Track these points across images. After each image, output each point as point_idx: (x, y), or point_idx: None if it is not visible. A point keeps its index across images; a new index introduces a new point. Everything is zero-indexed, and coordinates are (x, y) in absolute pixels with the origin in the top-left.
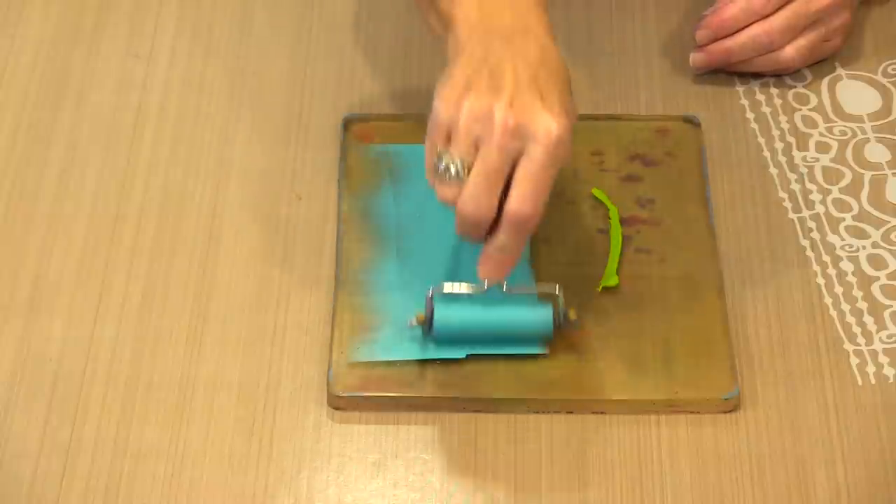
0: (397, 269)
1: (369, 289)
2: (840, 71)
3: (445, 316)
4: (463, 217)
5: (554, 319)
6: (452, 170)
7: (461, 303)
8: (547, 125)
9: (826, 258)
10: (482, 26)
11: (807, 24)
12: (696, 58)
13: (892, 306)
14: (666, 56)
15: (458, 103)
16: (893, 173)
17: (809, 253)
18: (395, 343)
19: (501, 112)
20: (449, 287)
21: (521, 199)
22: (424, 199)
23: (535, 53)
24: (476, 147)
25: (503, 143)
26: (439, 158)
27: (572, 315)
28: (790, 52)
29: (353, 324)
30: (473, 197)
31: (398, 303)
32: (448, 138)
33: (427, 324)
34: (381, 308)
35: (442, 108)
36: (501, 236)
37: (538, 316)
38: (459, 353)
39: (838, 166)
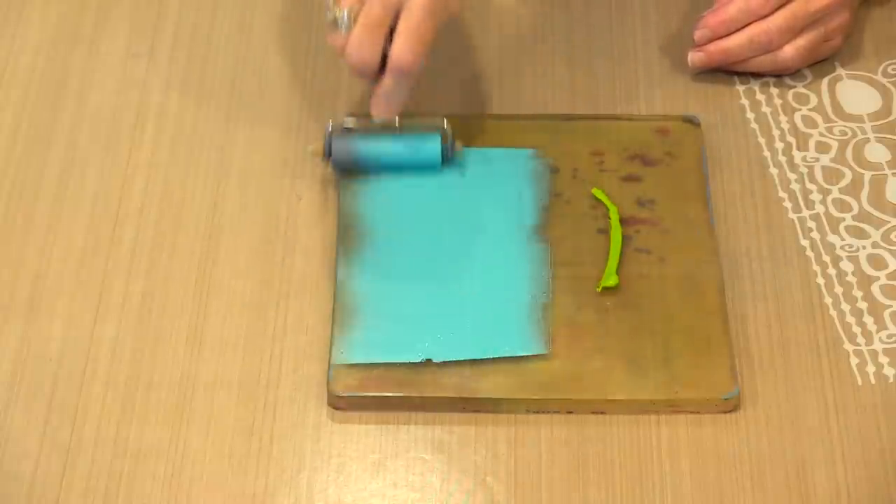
0: (396, 269)
1: (369, 289)
2: (840, 71)
3: (342, 142)
4: (350, 63)
5: (443, 147)
6: (340, 20)
7: (358, 134)
8: None
9: (826, 258)
10: None
11: (806, 24)
12: (694, 57)
13: (892, 306)
14: (666, 56)
15: None
16: (893, 173)
17: (809, 253)
18: (394, 344)
19: None
20: (348, 121)
21: (401, 49)
22: (424, 198)
23: None
24: (362, 0)
25: None
26: (329, 9)
27: (458, 146)
28: (789, 52)
29: (353, 324)
30: (357, 46)
31: (398, 303)
32: None
33: (326, 153)
34: (381, 308)
35: None
36: (387, 81)
37: (427, 140)
38: (459, 355)
39: (838, 166)
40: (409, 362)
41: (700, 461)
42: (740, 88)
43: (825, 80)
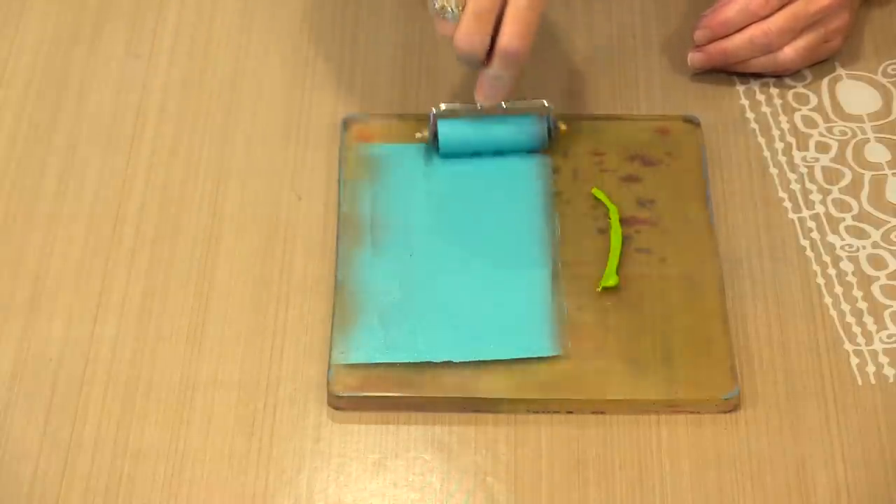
0: (397, 269)
1: (369, 289)
2: (840, 71)
3: (449, 128)
4: (459, 52)
5: (547, 128)
6: (447, 9)
7: (462, 119)
8: None
9: (826, 258)
10: None
11: (806, 25)
12: (694, 58)
13: (892, 306)
14: (666, 56)
15: None
16: (893, 173)
17: (809, 253)
18: (395, 344)
19: None
20: (450, 105)
21: (511, 37)
22: (423, 198)
23: None
24: None
25: None
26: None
27: (562, 126)
28: (789, 53)
29: (353, 324)
30: (466, 35)
31: (398, 303)
32: None
33: (432, 139)
34: (381, 308)
35: None
36: (494, 67)
37: (532, 122)
38: (459, 356)
39: (838, 166)
40: (409, 362)
41: (700, 461)
42: (740, 88)
43: (825, 81)
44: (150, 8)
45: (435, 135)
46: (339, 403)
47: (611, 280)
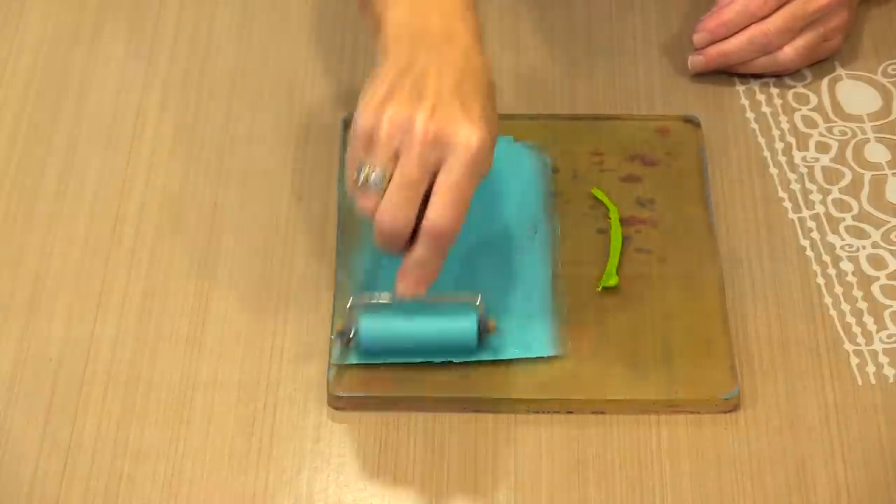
0: (397, 268)
1: (369, 289)
2: (840, 71)
3: (367, 328)
4: (380, 229)
5: (478, 328)
6: (372, 179)
7: (383, 314)
8: (467, 136)
9: (826, 258)
10: (409, 31)
11: (805, 24)
12: (694, 61)
13: (892, 306)
14: (666, 56)
15: (378, 111)
16: (893, 173)
17: (809, 253)
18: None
19: (422, 122)
20: (368, 297)
21: (440, 212)
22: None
23: (459, 61)
24: (396, 157)
25: (422, 154)
26: (360, 168)
27: (491, 325)
28: (789, 52)
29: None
30: (391, 208)
31: (398, 303)
32: (369, 147)
33: (347, 335)
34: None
35: (363, 116)
36: (420, 249)
37: (461, 325)
38: (458, 357)
39: (838, 166)
40: (409, 362)
41: (700, 461)
42: (740, 88)
43: (825, 80)
44: (150, 8)
45: (354, 330)
46: (339, 403)
47: (611, 280)
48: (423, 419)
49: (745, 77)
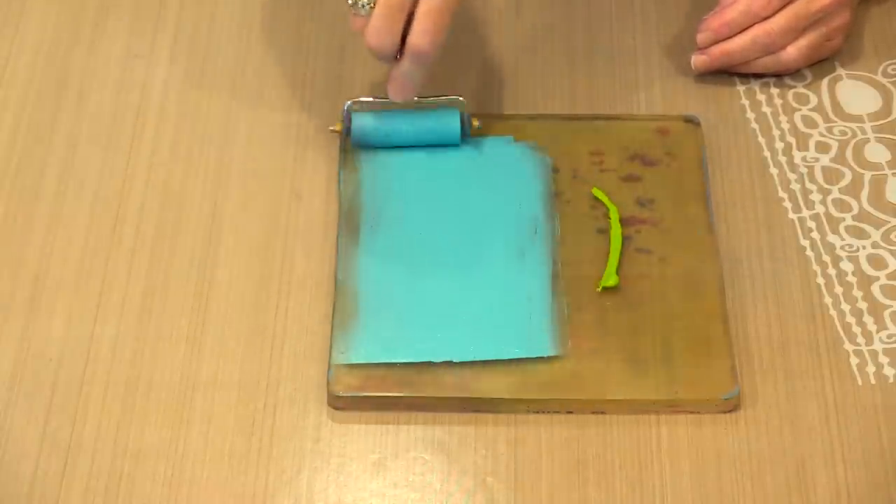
0: (397, 268)
1: (369, 289)
2: (840, 71)
3: (361, 118)
4: (368, 46)
5: (461, 123)
6: (360, 4)
7: (376, 111)
8: None
9: (826, 258)
10: None
11: (807, 24)
12: (697, 60)
13: (892, 306)
14: (666, 56)
15: None
16: (893, 173)
17: (809, 253)
18: (395, 344)
19: None
20: (365, 99)
21: (421, 34)
22: (423, 198)
23: None
24: None
25: None
26: None
27: (475, 122)
28: (792, 52)
29: (353, 324)
30: (376, 30)
31: (399, 303)
32: None
33: (345, 130)
34: (382, 308)
35: None
36: (405, 64)
37: (445, 114)
38: (459, 356)
39: (838, 166)
40: (409, 362)
41: (700, 461)
42: (740, 88)
43: (825, 80)
44: (150, 8)
45: (349, 128)
46: (339, 403)
47: (611, 280)
48: (423, 419)
49: (746, 77)
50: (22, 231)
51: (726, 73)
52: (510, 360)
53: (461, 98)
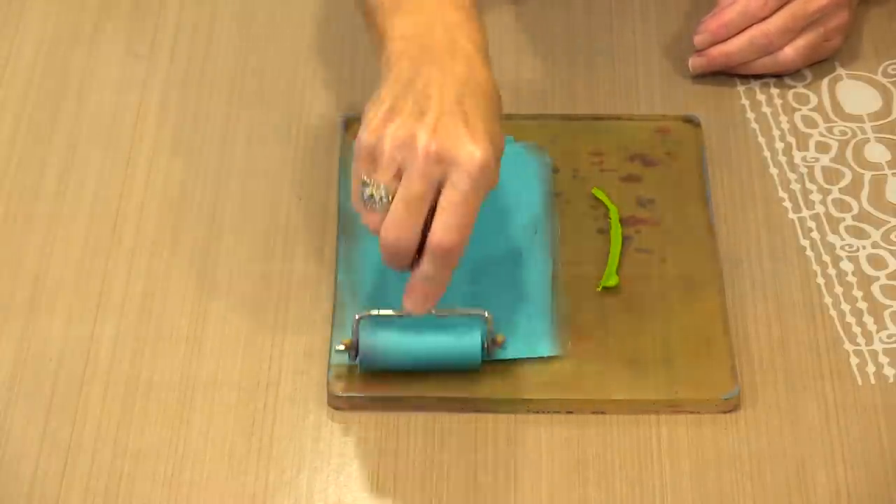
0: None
1: (369, 289)
2: (840, 71)
3: (370, 344)
4: (385, 245)
5: (483, 343)
6: (376, 197)
7: (388, 329)
8: (470, 152)
9: (826, 258)
10: (412, 44)
11: (805, 24)
12: (695, 62)
13: (892, 306)
14: (666, 56)
15: (381, 128)
16: (893, 173)
17: (809, 253)
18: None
19: (424, 138)
20: (375, 312)
21: (444, 229)
22: None
23: (462, 74)
24: (400, 175)
25: (425, 171)
26: (364, 185)
27: (500, 338)
28: (790, 52)
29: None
30: (395, 226)
31: (398, 303)
32: (372, 165)
33: (354, 350)
34: (381, 308)
35: (366, 133)
36: (426, 266)
37: (466, 342)
38: (464, 369)
39: (838, 166)
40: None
41: (700, 461)
42: (740, 88)
43: (825, 80)
44: (150, 8)
45: (356, 346)
46: (339, 403)
47: (611, 280)
48: (423, 419)
49: (746, 77)
50: (22, 231)
51: (726, 74)
52: (510, 360)
53: (486, 313)
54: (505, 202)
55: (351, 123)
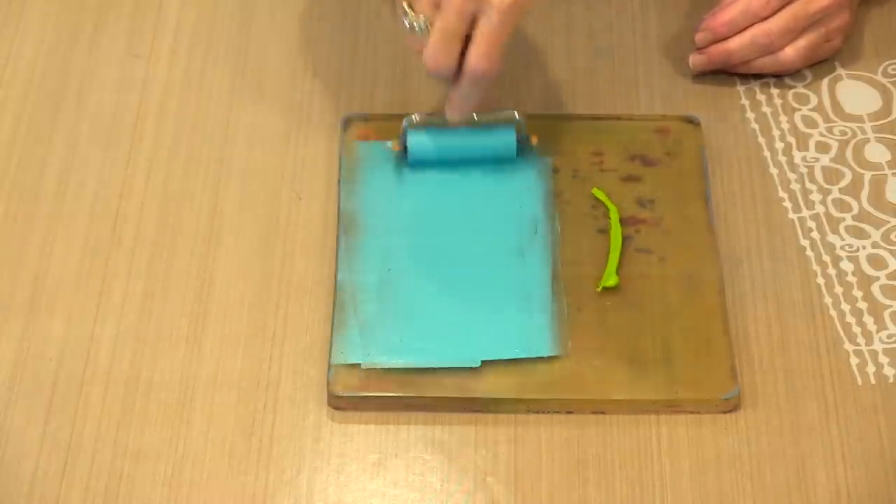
0: (397, 268)
1: (369, 289)
2: (840, 71)
3: (418, 138)
4: (427, 68)
5: (518, 139)
6: (416, 27)
7: (432, 130)
8: None
9: (826, 258)
10: None
11: (806, 24)
12: (695, 60)
13: (892, 306)
14: (666, 56)
15: None
16: (893, 173)
17: (809, 253)
18: (395, 345)
19: None
20: (422, 116)
21: (479, 57)
22: (424, 197)
23: None
24: (437, 6)
25: (460, 6)
26: (405, 15)
27: (534, 139)
28: (790, 52)
29: (353, 324)
30: (434, 54)
31: (399, 303)
32: None
33: (403, 148)
34: (382, 308)
35: None
36: (463, 85)
37: (502, 134)
38: (461, 361)
39: (838, 166)
40: (413, 367)
41: (700, 461)
42: (740, 88)
43: (825, 80)
44: (150, 8)
45: (405, 144)
46: (339, 403)
47: (611, 280)
48: (423, 419)
49: (746, 77)
50: (22, 231)
51: (726, 73)
52: (510, 360)
53: (518, 115)
54: (505, 202)
55: (350, 123)
